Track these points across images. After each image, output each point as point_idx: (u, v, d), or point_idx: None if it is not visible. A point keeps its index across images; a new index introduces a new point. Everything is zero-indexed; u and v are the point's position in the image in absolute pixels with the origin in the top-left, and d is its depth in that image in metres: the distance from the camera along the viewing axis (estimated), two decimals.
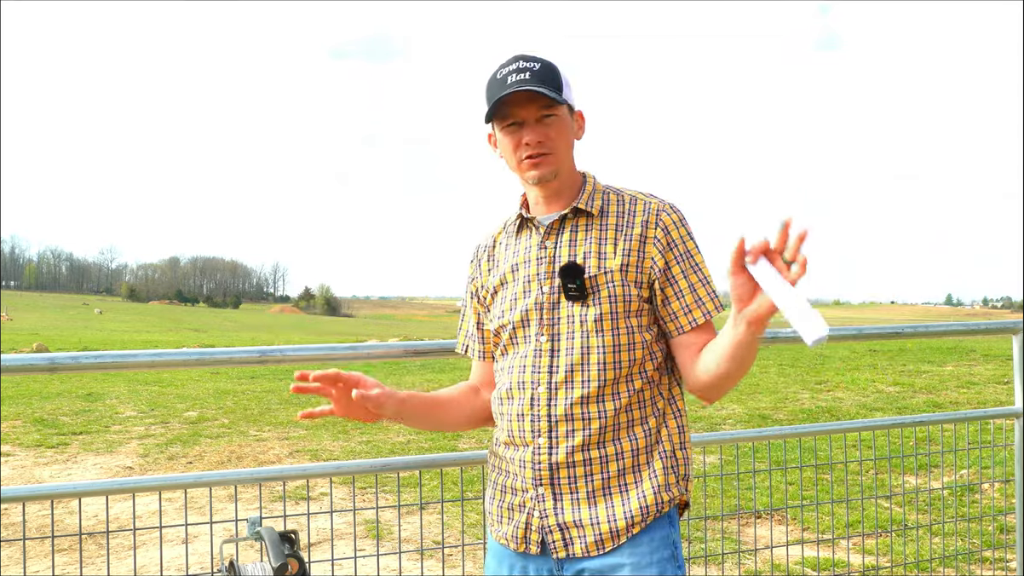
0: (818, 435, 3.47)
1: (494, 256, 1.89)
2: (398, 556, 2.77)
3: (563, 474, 1.70)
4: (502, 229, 1.91)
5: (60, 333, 34.36)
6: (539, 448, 1.71)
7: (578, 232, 1.76)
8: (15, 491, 2.74)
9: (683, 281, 1.73)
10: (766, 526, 4.69)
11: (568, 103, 1.75)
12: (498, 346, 1.84)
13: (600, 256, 1.73)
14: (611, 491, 1.70)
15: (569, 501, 1.70)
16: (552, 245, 1.77)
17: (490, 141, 1.83)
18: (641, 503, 1.69)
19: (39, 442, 8.17)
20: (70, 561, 4.54)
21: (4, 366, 2.02)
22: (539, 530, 1.72)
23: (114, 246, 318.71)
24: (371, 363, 15.05)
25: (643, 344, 1.72)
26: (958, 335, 3.18)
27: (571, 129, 1.78)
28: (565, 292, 1.72)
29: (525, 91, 1.69)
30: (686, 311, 1.73)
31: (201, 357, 2.23)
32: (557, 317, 1.73)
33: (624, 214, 1.76)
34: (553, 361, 1.72)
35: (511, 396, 1.77)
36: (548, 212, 1.80)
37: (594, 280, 1.71)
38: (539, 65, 1.72)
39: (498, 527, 1.81)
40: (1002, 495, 5.11)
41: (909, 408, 9.11)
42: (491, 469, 1.87)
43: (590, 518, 1.69)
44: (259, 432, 8.63)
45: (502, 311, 1.81)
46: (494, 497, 1.83)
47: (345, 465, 2.60)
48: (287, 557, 1.99)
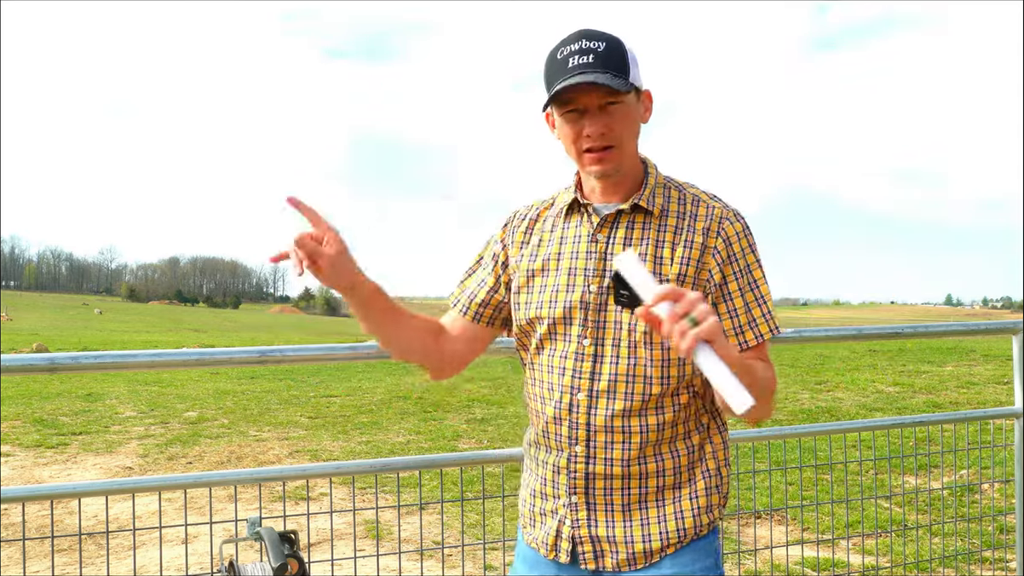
0: (818, 435, 3.47)
1: (533, 230, 1.74)
2: (398, 556, 2.77)
3: (599, 485, 1.62)
4: (549, 204, 1.76)
5: (60, 333, 34.33)
6: (575, 456, 1.62)
7: (635, 230, 1.63)
8: (15, 491, 2.74)
9: (739, 299, 1.62)
10: (766, 526, 4.69)
11: (635, 86, 1.60)
12: (531, 337, 1.70)
13: (656, 261, 1.60)
14: (647, 507, 1.62)
15: (603, 513, 1.62)
16: (605, 239, 1.64)
17: (548, 121, 1.69)
18: (679, 525, 1.61)
19: (39, 442, 8.16)
20: (70, 561, 4.54)
21: (4, 366, 2.01)
22: (569, 539, 1.64)
23: (114, 246, 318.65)
24: (371, 363, 15.05)
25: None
26: (958, 335, 3.18)
27: (637, 115, 1.63)
28: (616, 297, 1.57)
29: (587, 82, 1.53)
30: (738, 331, 1.62)
31: (201, 357, 2.23)
32: (603, 320, 1.61)
33: (685, 216, 1.63)
34: (596, 367, 1.60)
35: (548, 397, 1.66)
36: (605, 201, 1.66)
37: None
38: (604, 45, 1.57)
39: (530, 530, 1.74)
40: (1002, 495, 5.11)
41: (909, 408, 9.11)
42: (525, 469, 1.79)
43: (624, 536, 1.62)
44: (259, 432, 8.62)
45: (540, 301, 1.67)
46: (526, 499, 1.75)
47: (345, 465, 2.60)
48: (287, 557, 1.99)
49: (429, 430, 8.58)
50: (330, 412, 9.91)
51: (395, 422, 9.11)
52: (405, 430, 8.63)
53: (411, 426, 8.85)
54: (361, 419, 9.32)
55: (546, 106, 1.62)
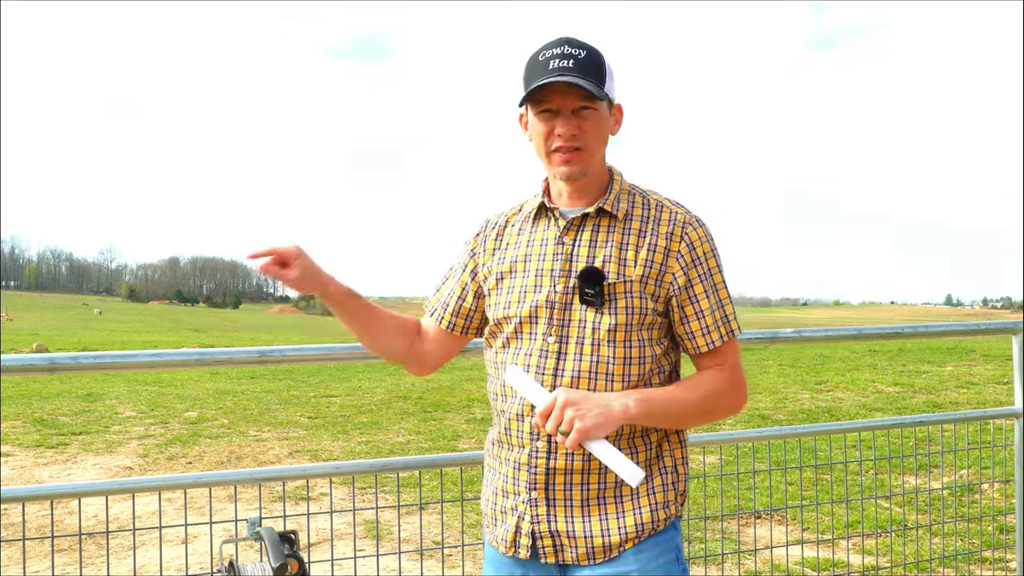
0: (818, 435, 3.47)
1: (503, 237, 1.81)
2: (398, 556, 2.77)
3: (559, 480, 1.66)
4: (517, 210, 1.83)
5: (60, 333, 34.33)
6: (537, 451, 1.67)
7: (599, 233, 1.69)
8: (15, 491, 2.74)
9: (704, 301, 1.69)
10: (766, 526, 4.69)
11: (608, 97, 1.67)
12: (497, 337, 1.77)
13: (620, 263, 1.66)
14: (606, 502, 1.66)
15: (563, 509, 1.66)
16: (571, 242, 1.70)
17: (521, 122, 1.75)
18: (638, 520, 1.66)
19: (39, 442, 8.16)
20: (70, 561, 4.54)
21: (4, 366, 2.01)
22: (529, 534, 1.68)
23: (114, 246, 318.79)
24: (371, 363, 15.05)
25: (652, 357, 1.68)
26: (958, 335, 3.18)
27: (607, 124, 1.70)
28: (581, 296, 1.65)
29: (565, 82, 1.60)
30: (705, 332, 1.69)
31: (201, 357, 2.23)
32: (568, 319, 1.66)
33: (648, 220, 1.69)
34: (560, 364, 1.66)
35: (511, 394, 1.71)
36: (571, 206, 1.73)
37: (613, 288, 1.65)
38: (584, 53, 1.63)
39: (492, 529, 1.77)
40: (1002, 495, 5.11)
41: (909, 408, 9.11)
42: (486, 469, 1.83)
43: (583, 530, 1.66)
44: (259, 432, 8.62)
45: (508, 302, 1.73)
46: (488, 499, 1.79)
47: (345, 465, 2.60)
48: (287, 557, 1.99)
49: (429, 430, 8.58)
50: (330, 412, 9.91)
51: (395, 422, 9.11)
52: (405, 430, 8.63)
53: (411, 426, 8.85)
54: (361, 419, 9.32)
55: (522, 103, 1.67)
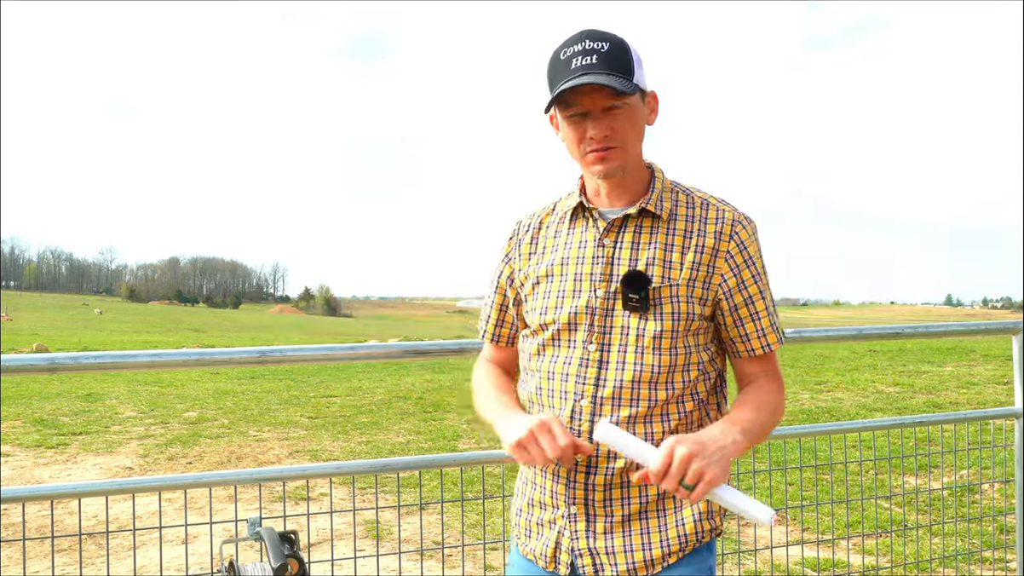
0: (818, 435, 3.47)
1: (538, 239, 1.71)
2: (398, 556, 2.77)
3: (599, 496, 1.58)
4: (550, 211, 1.73)
5: (60, 333, 34.35)
6: (576, 465, 1.58)
7: (642, 234, 1.60)
8: (15, 491, 2.74)
9: (760, 302, 1.61)
10: (766, 526, 4.69)
11: (639, 87, 1.56)
12: (531, 342, 1.68)
13: (665, 265, 1.57)
14: (647, 516, 1.59)
15: (602, 525, 1.59)
16: (612, 244, 1.60)
17: (552, 122, 1.66)
18: (679, 532, 1.58)
19: (39, 442, 8.16)
20: (70, 561, 4.54)
21: (4, 366, 2.01)
22: (568, 551, 1.61)
23: (114, 246, 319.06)
24: (371, 363, 15.06)
25: (699, 364, 1.60)
26: (958, 335, 3.19)
27: (641, 117, 1.60)
28: (625, 301, 1.56)
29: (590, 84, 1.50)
30: (760, 334, 1.62)
31: (201, 357, 2.23)
32: (610, 326, 1.57)
33: (694, 219, 1.60)
34: (601, 374, 1.57)
35: (548, 405, 1.62)
36: (611, 206, 1.64)
37: (657, 292, 1.56)
38: (608, 45, 1.53)
39: (525, 541, 1.69)
40: (1002, 495, 5.11)
41: (909, 408, 9.11)
42: (520, 478, 1.75)
43: (624, 545, 1.58)
44: (259, 432, 8.62)
45: (545, 307, 1.64)
46: (522, 510, 1.71)
47: (345, 465, 2.60)
48: (287, 557, 1.99)
49: (429, 430, 8.58)
50: (330, 412, 9.91)
51: (395, 422, 9.11)
52: (405, 430, 8.63)
53: (411, 426, 8.85)
54: (361, 419, 9.32)
55: (548, 107, 1.58)
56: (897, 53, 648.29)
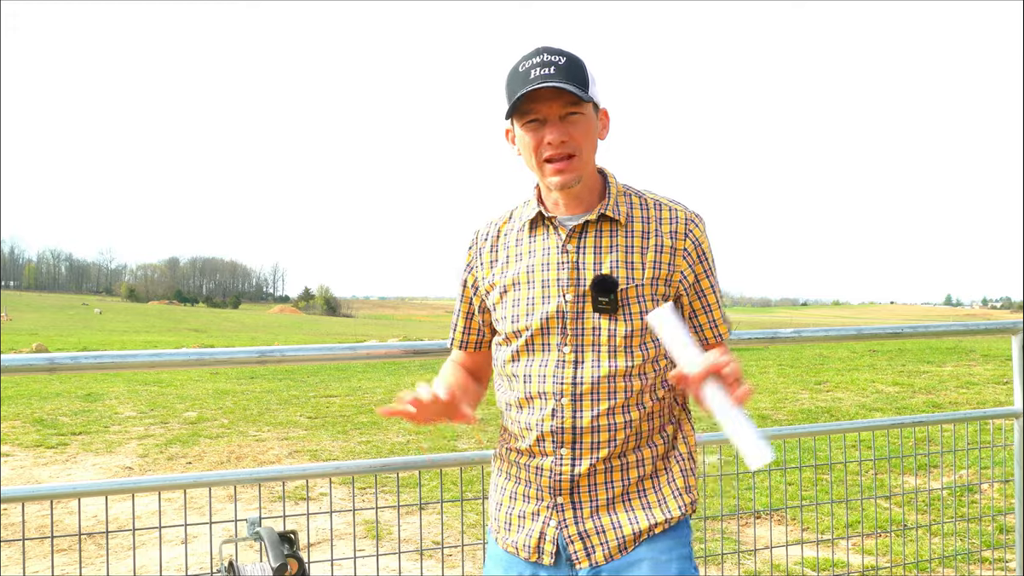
0: (818, 435, 3.47)
1: (497, 247, 1.78)
2: (397, 556, 2.77)
3: (584, 484, 1.67)
4: (507, 219, 1.80)
5: (60, 333, 34.36)
6: (560, 459, 1.66)
7: (603, 238, 1.68)
8: (15, 491, 2.74)
9: (711, 295, 1.73)
10: (766, 526, 4.69)
11: (594, 101, 1.66)
12: (505, 349, 1.75)
13: (629, 267, 1.66)
14: (630, 496, 1.68)
15: (589, 510, 1.67)
16: (575, 250, 1.68)
17: (508, 137, 1.74)
18: (663, 507, 1.68)
19: (39, 442, 8.17)
20: (70, 561, 4.54)
21: (4, 366, 2.02)
22: (554, 540, 1.67)
23: (113, 246, 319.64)
24: (371, 363, 15.06)
25: (667, 357, 1.68)
26: (958, 335, 3.19)
27: (595, 129, 1.68)
28: (595, 304, 1.65)
29: (550, 87, 1.59)
30: (712, 325, 1.74)
31: (201, 357, 2.23)
32: (582, 328, 1.66)
33: (650, 220, 1.69)
34: (577, 372, 1.65)
35: (528, 405, 1.69)
36: (569, 213, 1.71)
37: (624, 294, 1.64)
38: (565, 59, 1.62)
39: (505, 535, 1.74)
40: (1001, 495, 5.12)
41: (909, 408, 9.11)
42: (497, 473, 1.80)
43: (611, 524, 1.66)
44: (259, 432, 8.63)
45: (516, 315, 1.71)
46: (501, 504, 1.77)
47: (344, 465, 2.60)
48: (286, 557, 1.99)
49: (429, 430, 8.58)
50: (330, 412, 9.91)
51: (395, 422, 9.11)
52: (405, 430, 8.64)
53: (411, 426, 8.85)
54: (361, 419, 9.33)
55: (508, 115, 1.65)
56: (896, 53, 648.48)
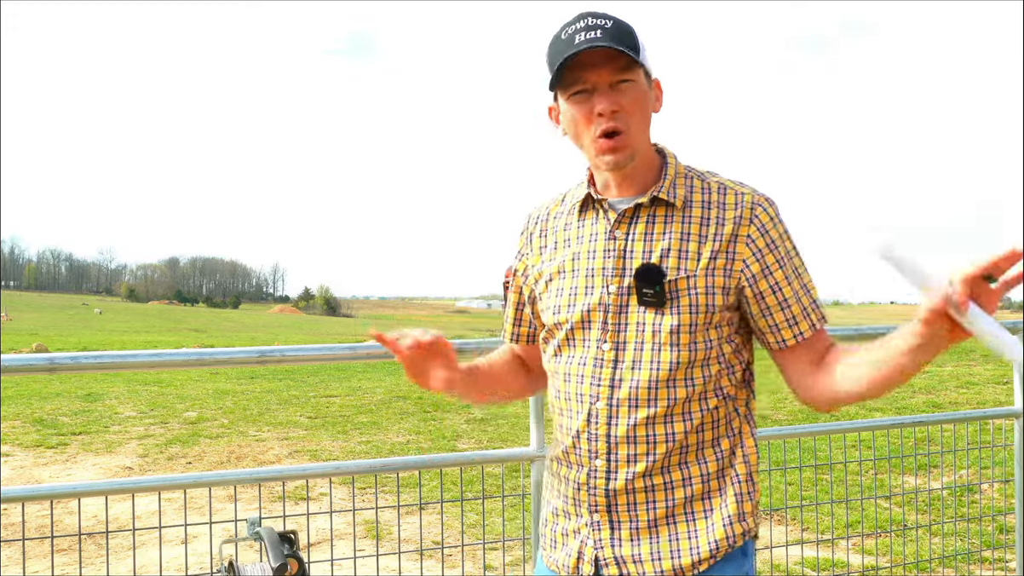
0: (818, 435, 3.47)
1: (547, 232, 1.64)
2: (397, 556, 2.77)
3: (622, 501, 1.51)
4: (559, 202, 1.66)
5: (60, 333, 34.34)
6: (595, 471, 1.51)
7: (655, 224, 1.51)
8: (15, 491, 2.74)
9: (787, 289, 1.50)
10: (766, 526, 4.69)
11: (646, 68, 1.49)
12: (549, 343, 1.61)
13: (682, 256, 1.48)
14: (675, 520, 1.51)
15: (628, 531, 1.51)
16: (623, 236, 1.52)
17: (551, 115, 1.57)
18: (710, 538, 1.50)
19: (39, 442, 8.17)
20: (70, 561, 4.54)
21: (4, 366, 2.01)
22: (592, 562, 1.53)
23: (113, 246, 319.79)
24: (371, 363, 15.06)
25: (720, 358, 1.51)
26: None
27: (649, 100, 1.51)
28: (639, 297, 1.48)
29: (600, 49, 1.43)
30: (791, 323, 1.50)
31: (201, 357, 2.23)
32: (624, 323, 1.49)
33: (711, 206, 1.51)
34: (616, 374, 1.49)
35: (566, 409, 1.56)
36: (621, 195, 1.55)
37: (674, 285, 1.47)
38: (612, 23, 1.46)
39: (550, 552, 1.62)
40: (1001, 495, 5.12)
41: (909, 408, 9.11)
42: (547, 487, 1.67)
43: (651, 553, 1.50)
44: (259, 432, 8.63)
45: (558, 305, 1.57)
46: (547, 520, 1.64)
47: (344, 465, 2.60)
48: (286, 557, 1.99)
49: (429, 430, 8.58)
50: (330, 412, 9.91)
51: (395, 422, 9.11)
52: (405, 430, 8.64)
53: (411, 426, 8.85)
54: (361, 419, 9.33)
55: (552, 86, 1.50)
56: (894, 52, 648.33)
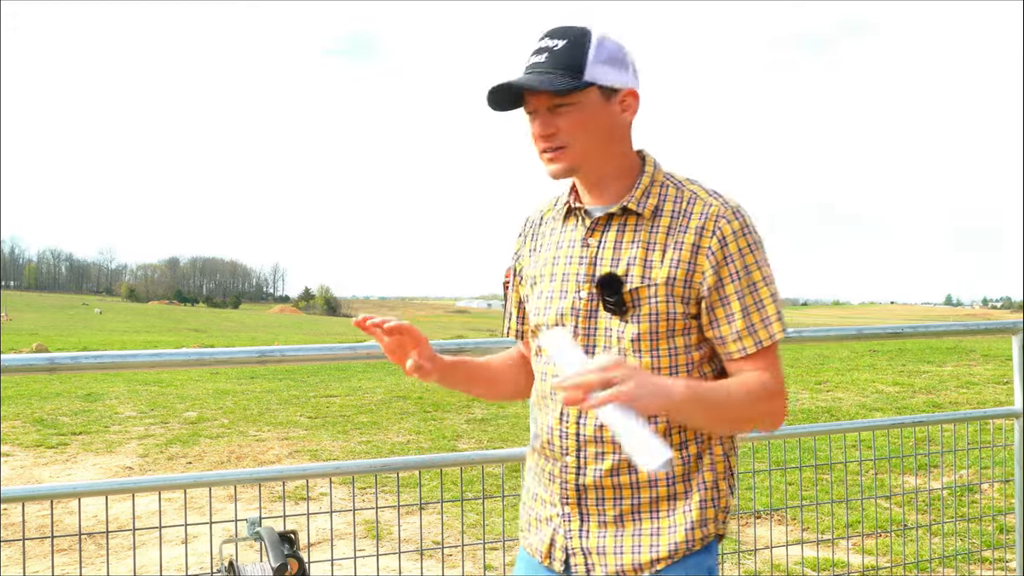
0: (818, 435, 3.48)
1: (537, 235, 1.73)
2: (398, 556, 2.77)
3: (591, 496, 1.59)
4: (552, 206, 1.74)
5: (60, 333, 34.34)
6: (567, 467, 1.60)
7: (625, 233, 1.57)
8: (15, 491, 2.75)
9: (736, 303, 1.53)
10: (766, 526, 4.69)
11: (597, 84, 1.52)
12: (532, 342, 1.71)
13: (646, 265, 1.54)
14: (640, 518, 1.57)
15: (596, 524, 1.59)
16: (596, 244, 1.58)
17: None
18: (671, 539, 1.55)
19: (39, 442, 8.17)
20: (70, 561, 4.54)
21: (4, 366, 2.02)
22: (563, 549, 1.62)
23: (113, 246, 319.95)
24: (371, 363, 15.05)
25: (688, 365, 1.56)
26: (958, 335, 3.20)
27: (601, 114, 1.54)
28: (604, 304, 1.55)
29: (532, 80, 1.51)
30: (736, 337, 1.53)
31: (201, 357, 2.23)
32: (594, 328, 1.57)
33: (680, 215, 1.55)
34: None
35: (543, 405, 1.65)
36: (595, 203, 1.61)
37: (635, 293, 1.53)
38: (563, 44, 1.52)
39: (526, 535, 1.72)
40: (1001, 495, 5.12)
41: (909, 408, 9.11)
42: (528, 471, 1.76)
43: (614, 547, 1.57)
44: (259, 432, 8.63)
45: (537, 308, 1.66)
46: (526, 503, 1.74)
47: (345, 465, 2.61)
48: (287, 557, 2.00)
49: (429, 430, 8.58)
50: (330, 412, 9.91)
51: (395, 422, 9.11)
52: (405, 430, 8.64)
53: (411, 426, 8.85)
54: (361, 419, 9.33)
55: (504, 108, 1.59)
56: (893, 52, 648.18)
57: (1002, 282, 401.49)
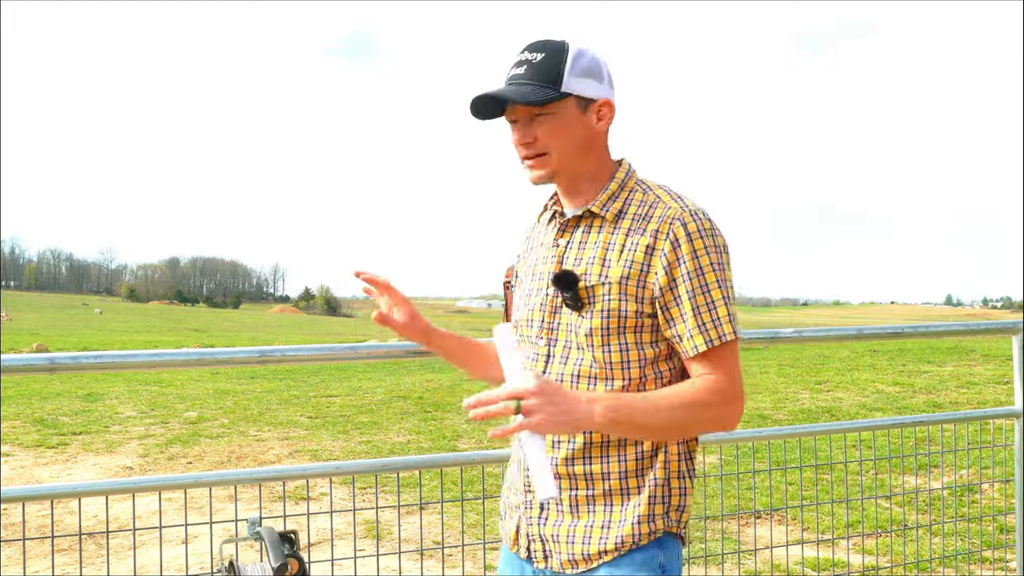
0: (818, 435, 3.48)
1: (531, 237, 1.84)
2: (398, 556, 2.77)
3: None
4: (544, 210, 1.83)
5: (60, 333, 34.35)
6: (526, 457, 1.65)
7: (590, 234, 1.66)
8: (15, 491, 2.75)
9: (687, 303, 1.57)
10: (766, 526, 4.69)
11: (574, 95, 1.61)
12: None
13: (604, 264, 1.61)
14: (594, 509, 1.63)
15: (554, 511, 1.66)
16: (564, 244, 1.69)
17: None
18: (618, 532, 1.60)
19: (39, 442, 8.17)
20: (70, 561, 4.54)
21: (4, 366, 2.02)
22: (526, 536, 1.70)
23: (113, 246, 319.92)
24: (371, 363, 15.06)
25: (640, 361, 1.61)
26: (958, 335, 3.20)
27: (578, 124, 1.63)
28: (563, 300, 1.64)
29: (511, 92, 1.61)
30: (688, 336, 1.58)
31: (201, 357, 2.23)
32: (557, 323, 1.66)
33: (640, 218, 1.62)
34: (547, 368, 1.66)
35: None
36: (571, 207, 1.71)
37: (591, 291, 1.61)
38: (542, 56, 1.61)
39: (502, 522, 1.80)
40: (1002, 495, 5.12)
41: (909, 408, 9.12)
42: (510, 461, 1.84)
43: (568, 536, 1.63)
44: (259, 432, 8.63)
45: (517, 305, 1.77)
46: (503, 492, 1.82)
47: (345, 465, 2.61)
48: (287, 557, 2.00)
49: (429, 430, 8.59)
50: (330, 412, 9.91)
51: (395, 422, 9.12)
52: (405, 430, 8.64)
53: (411, 426, 8.86)
54: (361, 419, 9.33)
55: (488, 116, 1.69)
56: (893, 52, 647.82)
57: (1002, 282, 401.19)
